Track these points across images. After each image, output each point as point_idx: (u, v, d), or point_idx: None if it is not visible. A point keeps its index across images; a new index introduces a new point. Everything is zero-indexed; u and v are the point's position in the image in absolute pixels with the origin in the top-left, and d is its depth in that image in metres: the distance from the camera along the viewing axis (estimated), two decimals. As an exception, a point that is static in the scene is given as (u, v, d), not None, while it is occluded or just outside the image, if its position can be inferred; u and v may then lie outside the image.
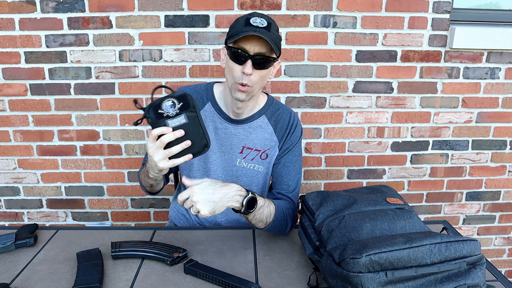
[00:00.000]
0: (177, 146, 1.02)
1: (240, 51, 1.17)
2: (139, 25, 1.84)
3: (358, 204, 1.09)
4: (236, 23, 1.21)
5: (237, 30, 1.17)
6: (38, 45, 1.86)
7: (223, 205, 1.07)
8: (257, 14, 1.20)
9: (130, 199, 2.11)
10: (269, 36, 1.14)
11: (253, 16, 1.18)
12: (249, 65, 1.17)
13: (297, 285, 1.05)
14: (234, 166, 1.35)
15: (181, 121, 1.03)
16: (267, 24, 1.16)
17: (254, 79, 1.19)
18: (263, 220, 1.18)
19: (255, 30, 1.14)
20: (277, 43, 1.19)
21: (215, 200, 1.05)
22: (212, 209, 1.05)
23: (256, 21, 1.16)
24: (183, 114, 1.02)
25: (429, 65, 1.96)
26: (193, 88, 1.38)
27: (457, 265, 0.91)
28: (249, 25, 1.15)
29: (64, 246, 1.21)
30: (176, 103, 1.02)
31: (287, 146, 1.36)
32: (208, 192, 1.06)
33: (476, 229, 2.26)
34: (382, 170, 2.12)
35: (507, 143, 2.12)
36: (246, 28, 1.14)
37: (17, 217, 2.14)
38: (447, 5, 1.88)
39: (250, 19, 1.16)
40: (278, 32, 1.23)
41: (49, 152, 2.02)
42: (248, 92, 1.21)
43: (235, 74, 1.20)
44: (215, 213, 1.06)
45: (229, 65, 1.21)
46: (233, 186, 1.10)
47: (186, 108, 1.02)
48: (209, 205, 1.05)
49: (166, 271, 1.09)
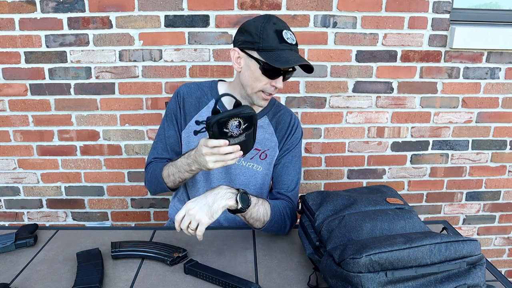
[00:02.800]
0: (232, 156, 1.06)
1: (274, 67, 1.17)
2: (139, 25, 1.84)
3: (358, 204, 1.09)
4: (265, 33, 1.16)
5: (272, 46, 1.16)
6: (38, 45, 1.86)
7: (219, 206, 1.07)
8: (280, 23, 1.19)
9: (130, 199, 2.11)
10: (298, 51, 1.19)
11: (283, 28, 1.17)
12: (281, 79, 1.21)
13: (297, 285, 1.05)
14: (233, 165, 1.35)
15: (241, 139, 1.06)
16: (296, 40, 1.19)
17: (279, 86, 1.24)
18: (260, 219, 1.18)
19: (291, 48, 1.16)
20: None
21: (208, 203, 1.08)
22: (209, 213, 1.07)
23: (289, 37, 1.17)
24: (244, 134, 1.05)
25: (429, 65, 1.96)
26: (197, 85, 1.38)
27: (457, 265, 0.91)
28: (284, 42, 1.16)
29: (64, 246, 1.21)
30: (241, 123, 1.03)
31: (287, 147, 1.36)
32: (200, 200, 1.10)
33: (476, 229, 2.26)
34: (382, 170, 2.12)
35: (507, 143, 2.12)
36: (282, 46, 1.16)
37: (17, 217, 2.14)
38: (447, 5, 1.88)
39: (281, 32, 1.16)
40: None
41: (49, 152, 2.02)
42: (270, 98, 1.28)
43: (263, 85, 1.22)
44: (214, 217, 1.07)
45: (256, 75, 1.21)
46: (222, 186, 1.13)
47: (249, 128, 1.05)
48: (205, 209, 1.07)
49: (166, 271, 1.09)
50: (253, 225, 1.20)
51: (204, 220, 1.06)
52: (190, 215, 1.07)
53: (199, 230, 1.07)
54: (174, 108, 1.37)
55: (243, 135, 1.05)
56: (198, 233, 1.07)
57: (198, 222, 1.06)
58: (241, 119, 1.02)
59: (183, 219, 1.08)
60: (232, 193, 1.10)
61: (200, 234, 1.07)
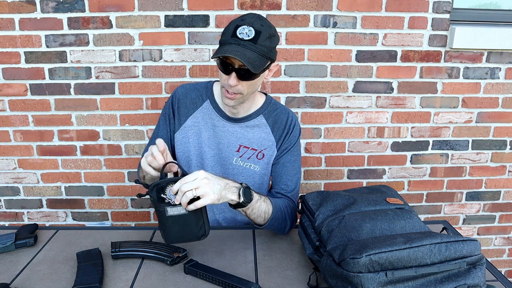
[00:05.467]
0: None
1: (226, 61, 1.16)
2: (139, 25, 1.84)
3: (358, 204, 1.09)
4: (227, 29, 1.18)
5: (224, 40, 1.15)
6: (38, 45, 1.86)
7: (226, 195, 1.05)
8: (248, 21, 1.15)
9: (130, 199, 2.11)
10: (253, 50, 1.12)
11: (243, 24, 1.14)
12: (233, 76, 1.16)
13: (297, 285, 1.05)
14: (230, 165, 1.35)
15: (180, 211, 1.01)
16: (254, 35, 1.13)
17: (241, 88, 1.19)
18: (261, 215, 1.18)
19: (238, 43, 1.12)
20: (265, 53, 1.16)
21: (221, 185, 1.04)
22: (219, 194, 1.03)
23: (243, 32, 1.13)
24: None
25: (429, 65, 1.96)
26: (194, 86, 1.38)
27: (457, 265, 0.91)
28: (235, 37, 1.13)
29: (64, 246, 1.21)
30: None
31: (286, 146, 1.36)
32: (215, 177, 1.05)
33: (476, 229, 2.26)
34: (382, 170, 2.12)
35: (507, 143, 2.12)
36: (231, 40, 1.13)
37: (17, 217, 2.14)
38: (447, 5, 1.88)
39: (238, 28, 1.13)
40: (272, 38, 1.18)
41: (49, 152, 2.02)
42: (236, 99, 1.22)
43: (222, 81, 1.21)
44: (219, 201, 1.04)
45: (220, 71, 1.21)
46: (229, 179, 1.10)
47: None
48: (217, 187, 1.03)
49: (166, 271, 1.09)
50: (255, 221, 1.20)
51: (212, 196, 1.00)
52: (202, 182, 0.99)
53: (200, 202, 0.99)
54: (168, 110, 1.38)
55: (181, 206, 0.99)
56: (197, 204, 0.99)
57: (205, 194, 1.00)
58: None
59: (191, 182, 0.99)
60: (236, 188, 1.09)
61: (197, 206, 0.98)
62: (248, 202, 1.10)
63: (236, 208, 1.12)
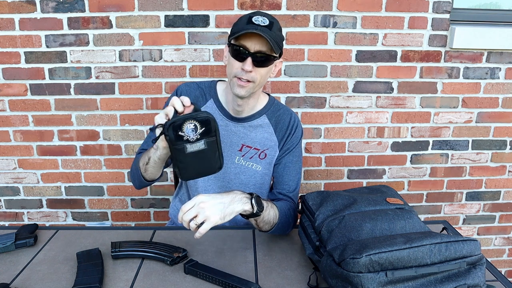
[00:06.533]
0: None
1: (241, 48, 1.17)
2: (139, 25, 1.84)
3: (358, 204, 1.09)
4: (239, 21, 1.22)
5: (239, 28, 1.18)
6: (38, 45, 1.86)
7: (234, 209, 1.04)
8: (260, 13, 1.21)
9: (130, 199, 2.11)
10: (270, 35, 1.15)
11: (256, 14, 1.19)
12: (249, 62, 1.18)
13: (297, 285, 1.05)
14: (233, 164, 1.35)
15: (200, 147, 1.01)
16: (269, 22, 1.17)
17: (254, 75, 1.20)
18: (270, 221, 1.18)
19: (256, 28, 1.15)
20: (278, 42, 1.19)
21: (224, 203, 1.03)
22: (222, 213, 1.02)
23: (258, 20, 1.17)
24: (203, 140, 1.00)
25: (429, 65, 1.96)
26: (197, 85, 1.38)
27: (457, 265, 0.91)
28: (251, 23, 1.16)
29: (64, 246, 1.21)
30: (198, 127, 0.99)
31: (288, 147, 1.36)
32: (216, 197, 1.05)
33: (476, 229, 2.26)
34: (382, 170, 2.12)
35: (507, 143, 2.12)
36: (247, 26, 1.16)
37: (17, 217, 2.14)
38: (447, 5, 1.88)
39: (252, 17, 1.18)
40: (281, 32, 1.23)
41: (49, 152, 2.02)
42: (248, 88, 1.22)
43: (234, 70, 1.21)
44: (225, 219, 1.02)
45: (230, 61, 1.22)
46: (237, 191, 1.09)
47: (207, 134, 1.00)
48: (219, 207, 1.02)
49: (166, 271, 1.09)
50: (262, 228, 1.20)
51: (214, 218, 1.00)
52: (200, 208, 1.00)
53: (204, 227, 1.00)
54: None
55: (201, 141, 0.99)
56: (201, 231, 1.00)
57: (206, 218, 1.00)
58: (197, 122, 0.99)
59: (190, 210, 1.01)
60: (247, 198, 1.08)
61: (202, 233, 1.00)
62: (261, 210, 1.09)
63: (248, 218, 1.11)
